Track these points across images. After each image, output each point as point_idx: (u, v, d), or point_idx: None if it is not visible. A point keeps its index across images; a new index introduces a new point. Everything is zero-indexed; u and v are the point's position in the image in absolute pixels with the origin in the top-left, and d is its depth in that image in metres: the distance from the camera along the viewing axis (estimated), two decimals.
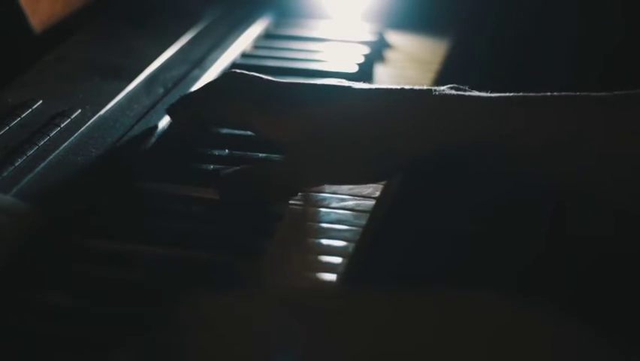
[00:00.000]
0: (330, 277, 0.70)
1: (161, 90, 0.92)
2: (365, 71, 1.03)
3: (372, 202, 0.79)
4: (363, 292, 0.53)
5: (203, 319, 0.53)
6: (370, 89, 0.78)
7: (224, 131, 0.87)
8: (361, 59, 1.04)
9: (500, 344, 0.50)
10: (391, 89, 0.77)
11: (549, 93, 0.73)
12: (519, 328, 0.51)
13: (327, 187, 0.80)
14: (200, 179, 0.80)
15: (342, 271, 0.71)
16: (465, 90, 0.75)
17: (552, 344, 0.50)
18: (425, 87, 0.76)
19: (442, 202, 0.93)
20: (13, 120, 0.82)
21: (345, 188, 0.80)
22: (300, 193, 0.78)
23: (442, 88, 0.75)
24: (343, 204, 0.78)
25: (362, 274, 0.74)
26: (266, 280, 0.68)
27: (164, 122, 0.87)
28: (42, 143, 0.80)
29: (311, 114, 0.76)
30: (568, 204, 0.91)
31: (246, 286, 0.67)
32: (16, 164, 0.76)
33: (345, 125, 0.75)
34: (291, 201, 0.78)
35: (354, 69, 1.01)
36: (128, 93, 0.91)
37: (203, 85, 0.83)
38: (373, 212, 0.78)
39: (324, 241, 0.74)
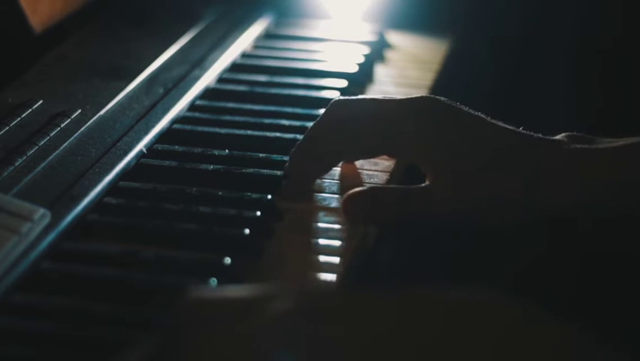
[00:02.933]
0: (330, 277, 0.70)
1: (161, 90, 0.92)
2: (365, 71, 1.03)
3: None
4: (363, 292, 0.53)
5: (202, 320, 0.53)
6: (494, 126, 0.78)
7: (224, 131, 0.87)
8: (361, 59, 1.04)
9: (501, 346, 0.50)
10: (518, 132, 0.77)
11: None
12: (520, 330, 0.51)
13: (327, 187, 0.80)
14: (200, 179, 0.80)
15: (342, 271, 0.71)
16: (586, 138, 0.77)
17: (553, 346, 0.50)
18: (554, 138, 0.77)
19: None
20: (13, 120, 0.82)
21: (345, 188, 0.80)
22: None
23: (561, 137, 0.77)
24: None
25: (362, 274, 0.74)
26: (266, 280, 0.68)
27: (165, 121, 0.87)
28: (42, 143, 0.80)
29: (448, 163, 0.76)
30: None
31: (245, 287, 0.67)
32: (16, 164, 0.76)
33: (478, 162, 0.76)
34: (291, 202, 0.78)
35: (355, 69, 1.01)
36: (128, 93, 0.91)
37: (312, 127, 0.80)
38: None
39: (324, 241, 0.74)
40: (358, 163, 0.84)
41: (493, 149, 0.76)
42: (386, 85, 1.03)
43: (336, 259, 0.72)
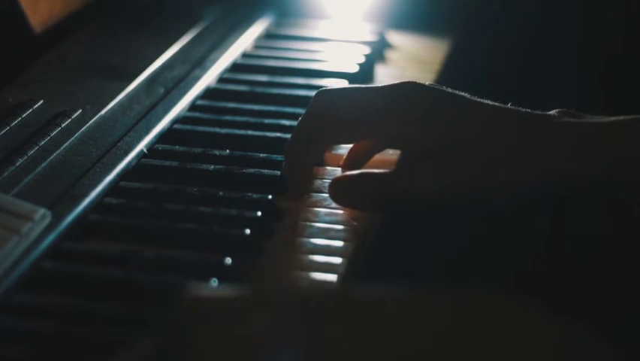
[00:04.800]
0: (330, 277, 0.70)
1: (161, 90, 0.92)
2: (366, 71, 1.03)
3: None
4: (363, 292, 0.54)
5: (203, 319, 0.53)
6: (482, 104, 0.77)
7: (224, 131, 0.87)
8: (362, 59, 1.04)
9: (501, 345, 0.50)
10: (506, 108, 0.77)
11: None
12: (519, 329, 0.51)
13: (327, 187, 0.80)
14: (201, 179, 0.80)
15: (342, 271, 0.71)
16: (577, 114, 0.76)
17: (552, 345, 0.50)
18: (545, 113, 0.76)
19: None
20: (14, 120, 0.82)
21: None
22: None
23: (553, 113, 0.76)
24: None
25: (362, 274, 0.74)
26: (266, 280, 0.69)
27: (166, 121, 0.87)
28: (43, 143, 0.80)
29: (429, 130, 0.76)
30: (567, 204, 0.91)
31: (246, 286, 0.67)
32: (17, 164, 0.76)
33: (462, 142, 0.75)
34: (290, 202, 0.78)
35: (355, 69, 1.01)
36: (128, 93, 0.91)
37: (300, 119, 0.80)
38: None
39: (324, 241, 0.74)
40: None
41: (480, 127, 0.75)
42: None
43: (336, 259, 0.72)
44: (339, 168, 0.83)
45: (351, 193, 0.77)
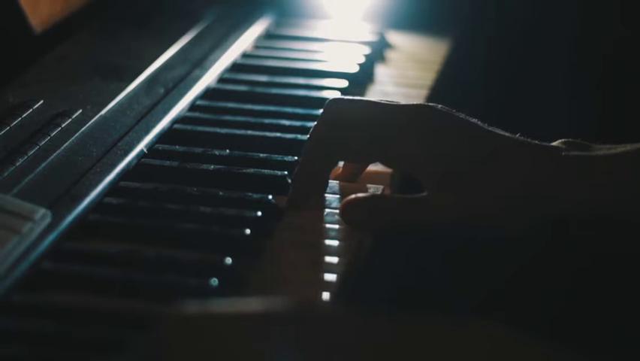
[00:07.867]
0: (330, 277, 0.70)
1: (161, 90, 0.92)
2: (366, 71, 1.03)
3: None
4: (363, 299, 0.54)
5: (202, 320, 0.53)
6: (492, 133, 0.77)
7: (224, 131, 0.87)
8: (362, 59, 1.04)
9: None
10: (515, 138, 0.77)
11: None
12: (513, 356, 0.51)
13: (327, 188, 0.80)
14: (201, 179, 0.80)
15: (341, 272, 0.71)
16: (583, 145, 0.76)
17: None
18: (551, 145, 0.77)
19: None
20: (14, 120, 0.82)
21: (344, 191, 0.80)
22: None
23: (558, 144, 0.76)
24: None
25: (362, 275, 0.74)
26: (265, 281, 0.69)
27: (166, 121, 0.87)
28: (43, 143, 0.80)
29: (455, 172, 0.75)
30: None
31: (245, 287, 0.67)
32: (17, 164, 0.76)
33: (489, 178, 0.75)
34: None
35: (355, 69, 1.01)
36: (128, 93, 0.91)
37: (313, 129, 0.79)
38: None
39: (324, 241, 0.74)
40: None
41: (492, 155, 0.75)
42: (386, 85, 1.03)
43: (335, 259, 0.72)
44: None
45: (365, 216, 0.76)
